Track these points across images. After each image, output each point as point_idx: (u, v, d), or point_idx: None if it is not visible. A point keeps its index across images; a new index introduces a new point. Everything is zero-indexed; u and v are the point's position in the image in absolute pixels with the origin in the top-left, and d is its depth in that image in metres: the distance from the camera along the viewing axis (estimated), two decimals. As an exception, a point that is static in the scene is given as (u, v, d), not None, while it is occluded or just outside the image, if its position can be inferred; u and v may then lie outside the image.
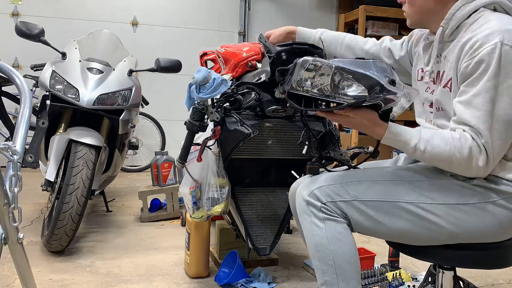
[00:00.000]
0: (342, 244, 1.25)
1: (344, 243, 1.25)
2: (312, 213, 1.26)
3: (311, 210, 1.27)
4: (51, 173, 2.45)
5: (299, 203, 1.31)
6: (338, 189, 1.26)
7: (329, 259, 1.25)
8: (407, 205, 1.23)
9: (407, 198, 1.23)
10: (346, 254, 1.25)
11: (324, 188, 1.27)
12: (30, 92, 1.29)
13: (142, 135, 4.81)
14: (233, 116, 1.75)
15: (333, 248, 1.24)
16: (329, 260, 1.25)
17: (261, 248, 1.99)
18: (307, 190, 1.29)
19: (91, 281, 2.09)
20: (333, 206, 1.25)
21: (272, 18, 5.39)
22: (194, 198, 1.89)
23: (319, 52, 1.75)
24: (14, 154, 1.08)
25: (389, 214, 1.24)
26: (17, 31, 2.62)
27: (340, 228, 1.25)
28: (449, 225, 1.22)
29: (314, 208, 1.26)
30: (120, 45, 3.16)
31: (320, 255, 1.26)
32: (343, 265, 1.25)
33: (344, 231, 1.26)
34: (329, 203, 1.25)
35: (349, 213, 1.26)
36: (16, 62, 4.69)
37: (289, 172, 1.99)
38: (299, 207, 1.31)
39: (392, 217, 1.24)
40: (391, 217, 1.24)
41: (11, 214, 1.09)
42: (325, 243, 1.24)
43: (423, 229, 1.23)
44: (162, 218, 3.08)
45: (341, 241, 1.25)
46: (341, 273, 1.25)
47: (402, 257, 2.28)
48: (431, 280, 1.48)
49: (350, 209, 1.26)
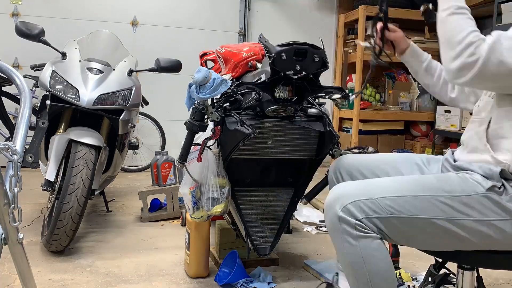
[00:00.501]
0: (378, 261, 1.22)
1: (379, 260, 1.22)
2: (345, 231, 1.22)
3: (344, 228, 1.22)
4: (51, 173, 2.45)
5: (330, 218, 1.25)
6: (374, 205, 1.22)
7: (365, 277, 1.22)
8: (441, 221, 1.21)
9: (441, 214, 1.21)
10: (382, 271, 1.23)
11: (358, 203, 1.22)
12: (30, 92, 1.29)
13: (142, 135, 4.81)
14: (233, 116, 1.75)
15: (369, 268, 1.21)
16: (365, 278, 1.23)
17: (261, 248, 1.99)
18: (340, 204, 1.23)
19: (91, 281, 2.09)
20: (368, 222, 1.21)
21: (272, 18, 5.39)
22: (194, 198, 1.89)
23: (319, 52, 1.75)
24: (14, 154, 1.08)
25: (423, 230, 1.23)
26: (17, 31, 2.62)
27: (375, 245, 1.22)
28: (481, 240, 1.22)
29: (347, 226, 1.22)
30: (120, 45, 3.16)
31: (356, 273, 1.24)
32: (380, 284, 1.23)
33: (378, 247, 1.22)
34: (364, 219, 1.21)
35: (383, 228, 1.23)
36: (16, 62, 4.69)
37: (289, 172, 2.00)
38: (330, 223, 1.26)
39: (425, 233, 1.23)
40: (424, 233, 1.23)
41: (11, 214, 1.09)
42: (360, 261, 1.21)
43: (454, 243, 1.24)
44: (162, 218, 3.08)
45: (377, 258, 1.22)
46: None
47: (402, 257, 2.28)
48: (431, 280, 1.49)
49: (385, 225, 1.22)
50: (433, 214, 1.21)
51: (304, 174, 2.01)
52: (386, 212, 1.21)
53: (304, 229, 2.96)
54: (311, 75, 1.75)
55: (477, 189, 1.22)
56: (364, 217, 1.20)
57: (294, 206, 2.05)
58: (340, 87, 1.95)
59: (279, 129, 1.87)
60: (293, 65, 1.71)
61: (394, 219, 1.21)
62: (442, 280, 1.51)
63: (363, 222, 1.21)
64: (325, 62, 1.76)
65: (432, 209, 1.21)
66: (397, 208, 1.21)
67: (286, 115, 1.81)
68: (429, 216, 1.21)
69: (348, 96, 1.85)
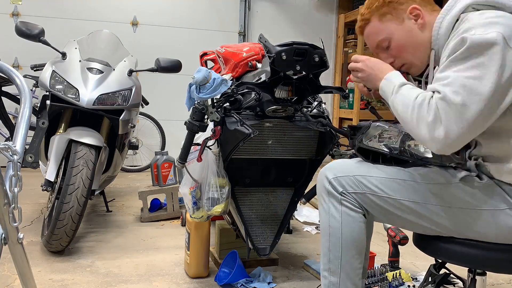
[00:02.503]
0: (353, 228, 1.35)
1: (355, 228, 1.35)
2: (331, 199, 1.36)
3: (330, 198, 1.36)
4: (51, 173, 2.45)
5: (319, 188, 1.40)
6: (351, 181, 1.34)
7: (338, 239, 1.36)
8: (410, 203, 1.29)
9: (411, 197, 1.29)
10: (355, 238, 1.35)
11: (339, 178, 1.35)
12: (30, 92, 1.29)
13: (142, 135, 4.81)
14: (233, 116, 1.75)
15: (344, 230, 1.35)
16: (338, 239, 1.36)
17: (261, 248, 1.99)
18: (326, 177, 1.37)
19: (91, 281, 2.09)
20: (349, 196, 1.34)
21: (272, 18, 5.39)
22: (194, 198, 1.89)
23: (319, 52, 1.75)
24: (14, 154, 1.08)
25: (398, 210, 1.31)
26: (17, 31, 2.62)
27: (355, 216, 1.35)
28: (456, 227, 1.27)
29: (333, 197, 1.35)
30: (120, 45, 3.16)
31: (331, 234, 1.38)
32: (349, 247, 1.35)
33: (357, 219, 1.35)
34: (344, 192, 1.34)
35: (363, 204, 1.34)
36: (16, 62, 4.69)
37: (289, 172, 2.00)
38: (319, 190, 1.40)
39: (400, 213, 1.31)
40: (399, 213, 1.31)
41: (11, 214, 1.09)
42: (338, 225, 1.35)
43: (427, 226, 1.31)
44: (162, 218, 3.08)
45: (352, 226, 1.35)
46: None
47: (402, 257, 2.28)
48: (431, 280, 1.48)
49: (362, 200, 1.33)
50: (403, 196, 1.29)
51: (304, 174, 2.01)
52: (362, 189, 1.33)
53: (304, 229, 2.96)
54: (311, 75, 1.75)
55: (451, 178, 1.27)
56: (344, 191, 1.34)
57: (294, 206, 2.05)
58: (340, 87, 1.95)
59: (279, 129, 1.87)
60: (293, 65, 1.71)
61: (370, 196, 1.32)
62: (442, 280, 1.50)
63: (345, 195, 1.34)
64: (325, 62, 1.75)
65: (402, 191, 1.29)
66: (370, 186, 1.32)
67: (286, 115, 1.81)
68: (400, 198, 1.29)
69: (348, 96, 1.85)
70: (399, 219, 1.34)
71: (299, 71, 1.72)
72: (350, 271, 1.36)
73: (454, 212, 1.25)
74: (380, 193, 1.31)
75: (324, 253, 1.40)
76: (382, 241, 2.71)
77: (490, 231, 1.23)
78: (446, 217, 1.26)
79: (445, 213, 1.26)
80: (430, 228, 1.30)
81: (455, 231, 1.28)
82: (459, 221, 1.25)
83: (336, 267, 1.37)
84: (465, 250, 1.27)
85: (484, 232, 1.24)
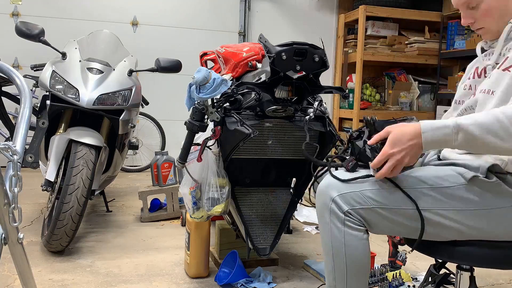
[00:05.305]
0: (358, 248, 1.26)
1: (359, 248, 1.27)
2: (333, 218, 1.27)
3: (332, 218, 1.27)
4: (51, 173, 2.45)
5: (320, 207, 1.30)
6: (358, 196, 1.25)
7: (343, 260, 1.27)
8: (425, 213, 1.23)
9: (423, 205, 1.23)
10: (360, 258, 1.28)
11: (344, 195, 1.26)
12: (30, 92, 1.29)
13: (142, 135, 4.81)
14: (233, 116, 1.75)
15: (348, 251, 1.26)
16: (342, 261, 1.27)
17: (261, 248, 1.99)
18: (329, 196, 1.27)
19: (91, 281, 2.09)
20: (354, 213, 1.25)
21: (272, 18, 5.39)
22: (194, 198, 1.89)
23: (319, 52, 1.75)
24: (14, 154, 1.08)
25: (406, 219, 1.25)
26: (17, 31, 2.62)
27: (359, 235, 1.26)
28: (468, 230, 1.23)
29: (335, 216, 1.26)
30: (120, 45, 3.16)
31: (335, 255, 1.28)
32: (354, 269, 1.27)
33: (361, 237, 1.27)
34: (350, 210, 1.25)
35: (368, 218, 1.26)
36: (16, 62, 4.69)
37: (289, 172, 2.00)
38: (320, 210, 1.30)
39: (407, 222, 1.25)
40: (406, 222, 1.25)
41: (11, 214, 1.09)
42: (341, 245, 1.26)
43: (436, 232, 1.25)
44: (162, 218, 3.08)
45: (357, 246, 1.26)
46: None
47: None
48: (431, 280, 1.48)
49: (368, 215, 1.26)
50: (413, 205, 1.23)
51: (304, 174, 2.01)
52: (370, 203, 1.25)
53: (304, 229, 2.96)
54: (311, 75, 1.75)
55: (458, 180, 1.23)
56: (350, 209, 1.25)
57: (294, 206, 2.05)
58: (340, 87, 1.95)
59: (279, 129, 1.87)
60: (293, 65, 1.71)
61: (378, 209, 1.25)
62: (442, 280, 1.50)
63: (350, 213, 1.25)
64: (325, 62, 1.75)
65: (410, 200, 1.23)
66: (378, 200, 1.24)
67: (286, 115, 1.81)
68: (410, 207, 1.23)
69: (348, 96, 1.85)
70: (406, 229, 1.28)
71: (299, 71, 1.72)
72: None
73: (466, 215, 1.22)
74: (389, 205, 1.24)
75: (329, 271, 1.32)
76: (382, 241, 2.71)
77: (499, 230, 1.22)
78: (458, 220, 1.23)
79: (456, 217, 1.23)
80: (439, 235, 1.26)
81: (469, 235, 1.24)
82: (472, 223, 1.23)
83: (343, 286, 1.30)
84: (466, 249, 1.26)
85: (494, 231, 1.22)
